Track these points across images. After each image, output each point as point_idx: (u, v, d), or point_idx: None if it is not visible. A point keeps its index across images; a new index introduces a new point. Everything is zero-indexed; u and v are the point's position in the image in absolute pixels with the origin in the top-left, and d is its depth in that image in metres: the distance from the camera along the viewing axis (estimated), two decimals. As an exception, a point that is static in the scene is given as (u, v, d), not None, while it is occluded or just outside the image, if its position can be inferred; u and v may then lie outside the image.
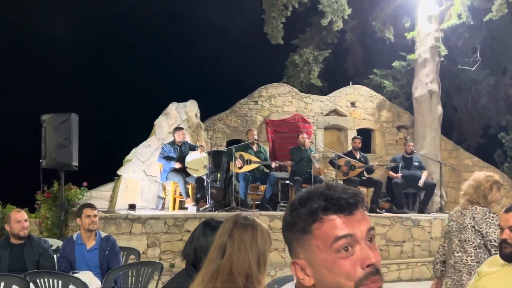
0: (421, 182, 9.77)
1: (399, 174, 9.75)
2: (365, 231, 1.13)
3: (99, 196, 9.63)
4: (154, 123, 10.20)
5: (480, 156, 13.29)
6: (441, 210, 10.10)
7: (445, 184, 12.03)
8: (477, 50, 13.22)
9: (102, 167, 13.20)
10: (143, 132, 10.71)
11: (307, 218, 1.13)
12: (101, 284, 4.29)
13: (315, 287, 1.14)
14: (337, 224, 1.11)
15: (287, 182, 9.75)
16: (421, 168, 10.13)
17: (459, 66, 13.80)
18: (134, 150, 9.79)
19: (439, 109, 12.05)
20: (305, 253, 1.14)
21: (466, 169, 12.88)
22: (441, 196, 10.46)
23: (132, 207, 8.14)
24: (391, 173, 9.94)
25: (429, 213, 9.69)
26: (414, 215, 9.29)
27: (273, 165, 9.17)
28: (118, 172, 9.61)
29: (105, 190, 9.74)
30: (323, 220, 1.12)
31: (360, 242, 1.12)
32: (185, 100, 10.72)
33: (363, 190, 9.92)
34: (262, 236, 1.94)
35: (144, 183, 9.76)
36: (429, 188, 9.90)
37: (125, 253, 5.33)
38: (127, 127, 15.51)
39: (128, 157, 9.77)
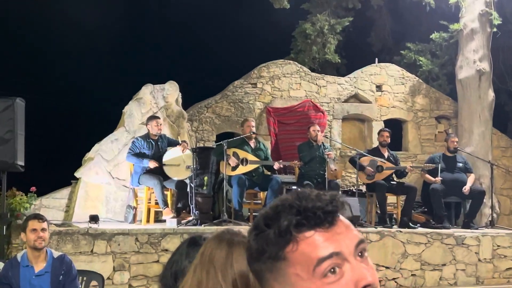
0: (466, 189, 9.78)
1: (439, 178, 9.76)
2: (353, 245, 1.13)
3: (52, 205, 9.63)
4: (123, 111, 10.19)
5: (542, 156, 13.31)
6: (492, 224, 10.12)
7: (497, 191, 12.05)
8: (539, 19, 13.21)
9: (56, 167, 13.20)
10: (109, 122, 10.69)
11: (277, 241, 1.11)
12: (54, 318, 4.30)
13: None
14: (316, 242, 1.10)
15: (294, 187, 9.75)
16: (467, 170, 10.14)
17: (516, 39, 13.79)
18: (96, 146, 9.78)
19: (491, 94, 12.06)
20: (281, 286, 1.13)
21: (524, 172, 12.91)
22: (492, 207, 10.47)
23: (94, 219, 8.12)
24: (428, 176, 9.95)
25: (477, 228, 9.71)
26: (458, 231, 9.30)
27: (276, 166, 9.17)
28: (76, 175, 9.59)
29: (59, 198, 9.73)
30: (298, 240, 1.10)
31: (349, 259, 1.11)
32: (163, 82, 10.71)
33: (392, 197, 9.96)
34: (243, 255, 1.94)
35: (110, 189, 9.76)
36: (477, 196, 9.91)
37: (84, 278, 5.32)
38: (88, 117, 15.48)
39: (89, 154, 9.75)
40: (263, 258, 1.14)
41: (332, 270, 1.09)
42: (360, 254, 1.13)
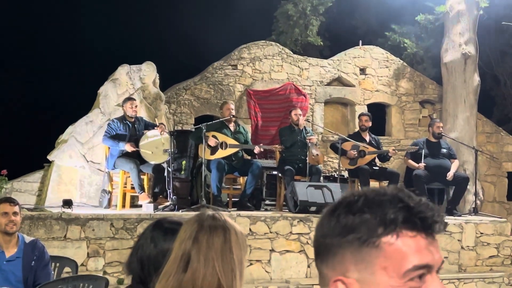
0: (450, 175, 9.88)
1: (422, 164, 9.83)
2: (440, 262, 1.15)
3: (24, 189, 9.57)
4: (98, 92, 10.13)
5: (528, 142, 13.47)
6: (475, 211, 10.22)
7: (481, 177, 12.19)
8: (527, 2, 13.31)
9: (28, 150, 13.10)
10: (83, 104, 10.62)
11: (377, 228, 1.11)
12: (25, 305, 4.29)
13: None
14: (417, 246, 1.11)
15: (274, 173, 9.77)
16: (450, 156, 10.22)
17: (503, 23, 13.88)
18: (70, 128, 9.72)
19: (476, 79, 12.15)
20: (360, 272, 1.12)
21: (509, 158, 13.08)
22: (475, 194, 10.57)
23: (67, 203, 8.08)
24: (411, 162, 10.01)
25: (460, 215, 9.82)
26: (441, 218, 9.38)
27: (256, 150, 9.18)
28: (49, 158, 9.54)
29: (31, 181, 9.67)
30: (400, 235, 1.11)
31: (432, 273, 1.13)
32: (140, 63, 10.64)
33: (375, 183, 10.02)
34: (237, 241, 1.94)
35: (84, 172, 9.71)
36: (461, 182, 10.00)
37: (57, 264, 5.31)
38: (62, 97, 15.35)
39: (62, 137, 9.69)
40: (349, 236, 1.12)
41: (419, 277, 1.10)
42: (437, 271, 1.15)
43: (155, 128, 8.91)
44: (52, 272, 4.88)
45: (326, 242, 1.16)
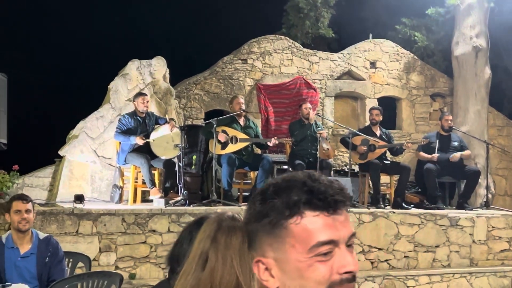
0: (455, 156, 9.83)
1: (436, 155, 9.80)
2: (347, 236, 1.27)
3: (35, 184, 9.62)
4: (109, 87, 10.15)
5: (540, 135, 13.40)
6: (487, 205, 10.20)
7: (492, 171, 12.15)
8: (538, -6, 13.21)
9: (39, 145, 13.16)
10: (94, 99, 10.65)
11: (283, 211, 1.24)
12: (40, 300, 4.33)
13: None
14: (320, 224, 1.23)
15: (285, 167, 9.78)
16: (462, 150, 10.18)
17: (514, 15, 13.81)
18: (81, 124, 9.75)
19: (487, 72, 12.10)
20: (275, 252, 1.26)
21: (521, 152, 13.01)
22: (487, 187, 10.55)
23: (79, 199, 8.13)
24: (424, 154, 9.99)
25: (471, 209, 9.80)
26: (452, 212, 9.39)
27: (272, 142, 9.13)
28: (60, 153, 9.57)
29: (42, 176, 9.72)
30: (303, 216, 1.23)
31: (340, 246, 1.25)
32: (150, 58, 10.66)
33: (385, 177, 10.01)
34: None
35: (95, 168, 9.76)
36: (472, 176, 9.98)
37: (70, 259, 5.35)
38: (73, 93, 15.41)
39: (73, 132, 9.73)
40: (263, 221, 1.26)
41: (325, 253, 1.23)
42: (349, 245, 1.27)
43: (166, 123, 8.93)
44: (66, 268, 4.92)
45: (248, 229, 1.31)
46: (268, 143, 9.23)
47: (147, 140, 8.64)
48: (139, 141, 8.60)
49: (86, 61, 15.45)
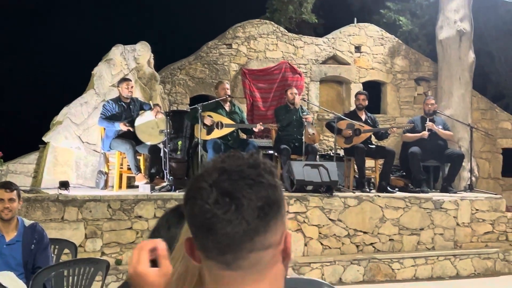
0: (429, 124, 9.94)
1: (426, 132, 9.88)
2: None
3: (19, 171, 9.56)
4: (92, 72, 10.08)
5: (522, 118, 13.51)
6: (470, 188, 10.29)
7: (476, 154, 12.24)
8: (522, -22, 13.26)
9: (23, 131, 13.06)
10: (78, 85, 10.57)
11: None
12: (27, 288, 4.31)
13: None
14: None
15: (270, 152, 9.79)
16: (446, 133, 10.27)
17: (498, -1, 13.87)
18: (65, 110, 9.69)
19: (471, 56, 12.14)
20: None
21: (504, 135, 13.13)
22: (471, 170, 10.63)
23: (64, 185, 8.11)
24: (410, 135, 10.03)
25: (455, 192, 9.88)
26: (436, 195, 9.46)
27: (258, 127, 9.12)
28: (44, 139, 9.52)
29: (26, 163, 9.67)
30: None
31: None
32: (134, 42, 10.60)
33: (371, 162, 10.05)
34: None
35: (80, 154, 9.71)
36: (456, 159, 10.05)
37: (56, 246, 5.33)
38: (56, 78, 15.28)
39: (57, 118, 9.67)
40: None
41: None
42: None
43: (151, 109, 8.89)
44: (52, 255, 4.90)
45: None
46: (254, 129, 9.24)
47: (129, 128, 8.58)
48: (122, 127, 8.56)
49: (69, 46, 15.31)
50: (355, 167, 9.72)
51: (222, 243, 1.15)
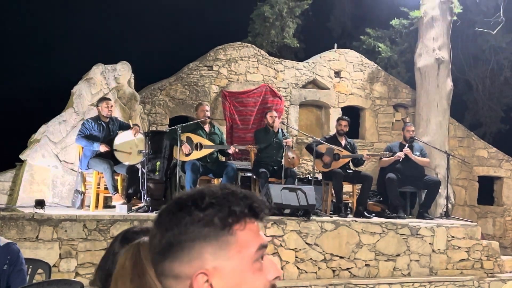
0: (406, 150, 10.04)
1: (406, 149, 9.98)
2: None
3: (-5, 188, 9.47)
4: (72, 91, 10.04)
5: (499, 147, 13.66)
6: (447, 215, 10.36)
7: (453, 181, 12.34)
8: (500, 9, 13.50)
9: (-1, 149, 12.93)
10: (57, 103, 10.52)
11: (227, 218, 1.25)
12: (-2, 309, 4.24)
13: None
14: (257, 231, 1.30)
15: (249, 175, 9.79)
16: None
17: (476, 29, 14.08)
18: (43, 128, 9.63)
19: (449, 84, 12.29)
20: (218, 260, 1.24)
21: (480, 163, 13.26)
22: (447, 197, 10.71)
23: (40, 204, 8.01)
24: (387, 159, 10.09)
25: (432, 219, 9.93)
26: (413, 221, 9.50)
27: (232, 150, 9.17)
28: (21, 157, 9.44)
29: (2, 180, 9.57)
30: (245, 223, 1.28)
31: (265, 253, 1.32)
32: (115, 62, 10.58)
33: (348, 186, 10.09)
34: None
35: (57, 172, 9.63)
36: (433, 186, 10.13)
37: (30, 266, 5.24)
38: (35, 96, 15.19)
39: (35, 136, 9.60)
40: (205, 229, 1.24)
41: (261, 257, 1.29)
42: None
43: (130, 129, 8.87)
44: (27, 277, 4.82)
45: (179, 239, 1.26)
46: (228, 151, 9.23)
47: (108, 150, 8.54)
48: (102, 148, 8.51)
49: (49, 64, 15.25)
50: (333, 191, 9.75)
51: None
